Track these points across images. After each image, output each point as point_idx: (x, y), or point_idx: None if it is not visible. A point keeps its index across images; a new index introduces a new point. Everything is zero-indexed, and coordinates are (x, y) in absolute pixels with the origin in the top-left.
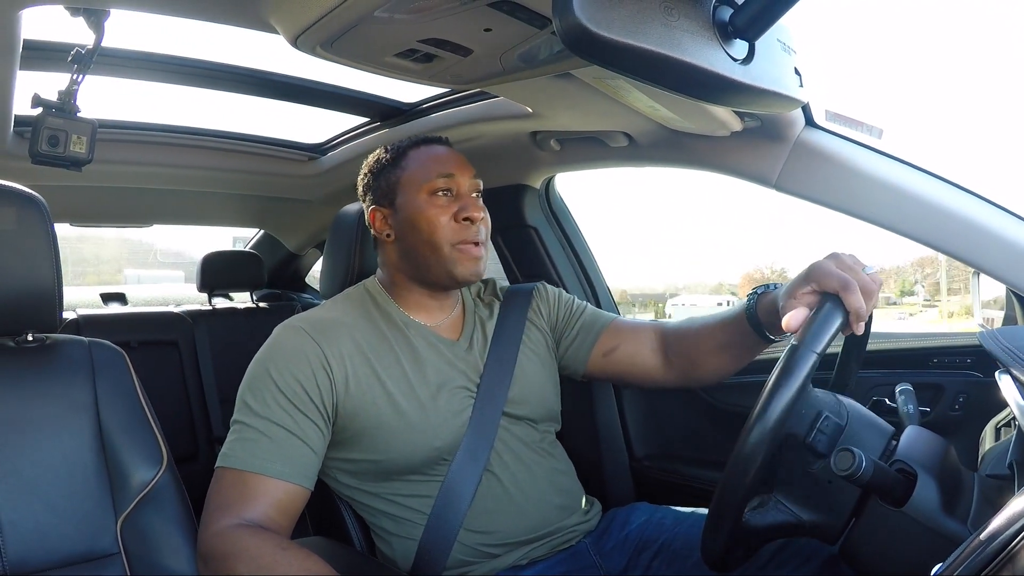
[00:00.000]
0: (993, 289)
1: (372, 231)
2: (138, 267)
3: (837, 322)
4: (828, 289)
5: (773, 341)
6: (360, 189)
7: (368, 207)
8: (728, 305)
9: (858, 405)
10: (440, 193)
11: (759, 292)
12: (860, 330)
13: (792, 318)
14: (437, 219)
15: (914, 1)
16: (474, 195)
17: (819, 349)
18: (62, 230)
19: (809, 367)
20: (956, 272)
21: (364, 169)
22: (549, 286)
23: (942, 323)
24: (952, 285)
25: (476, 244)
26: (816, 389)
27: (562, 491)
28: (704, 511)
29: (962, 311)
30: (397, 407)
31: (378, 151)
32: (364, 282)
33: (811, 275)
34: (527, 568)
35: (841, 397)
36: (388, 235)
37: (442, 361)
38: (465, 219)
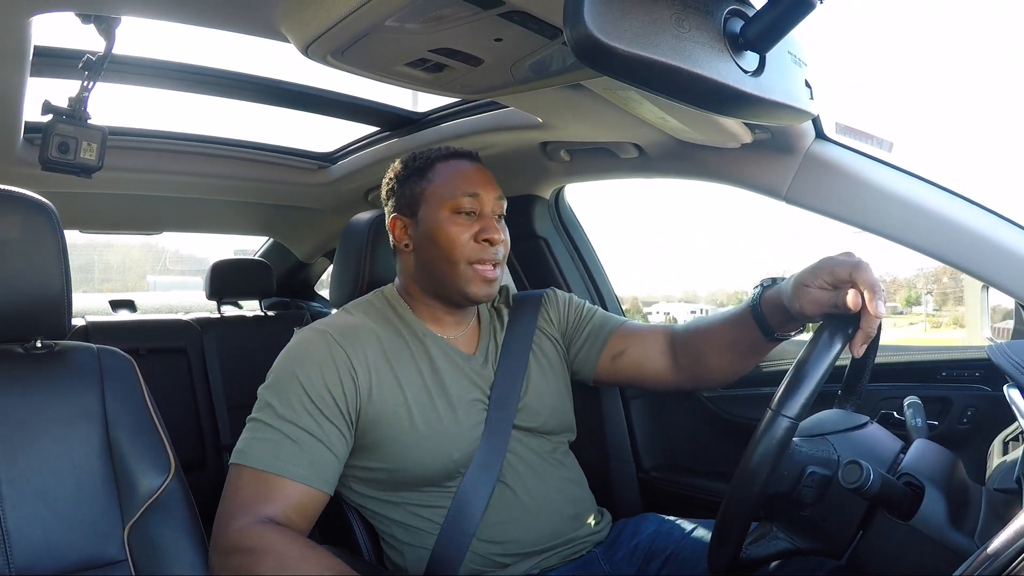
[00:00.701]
0: (995, 300)
1: (391, 239)
2: (158, 275)
3: (814, 382)
4: (839, 275)
5: (778, 340)
6: (383, 194)
7: (389, 214)
8: (702, 314)
9: (856, 435)
10: (463, 213)
11: (765, 285)
12: (860, 352)
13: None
14: (457, 237)
15: (928, 16)
16: (496, 216)
17: (794, 414)
18: (90, 238)
19: (783, 434)
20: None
21: (390, 174)
22: (559, 291)
23: (925, 335)
24: (961, 294)
25: (493, 266)
26: (801, 441)
27: (574, 501)
28: (711, 522)
29: (950, 322)
30: (416, 419)
31: (405, 157)
32: (383, 289)
33: (821, 267)
34: None
35: (832, 437)
36: (407, 245)
37: (458, 374)
38: (485, 240)
